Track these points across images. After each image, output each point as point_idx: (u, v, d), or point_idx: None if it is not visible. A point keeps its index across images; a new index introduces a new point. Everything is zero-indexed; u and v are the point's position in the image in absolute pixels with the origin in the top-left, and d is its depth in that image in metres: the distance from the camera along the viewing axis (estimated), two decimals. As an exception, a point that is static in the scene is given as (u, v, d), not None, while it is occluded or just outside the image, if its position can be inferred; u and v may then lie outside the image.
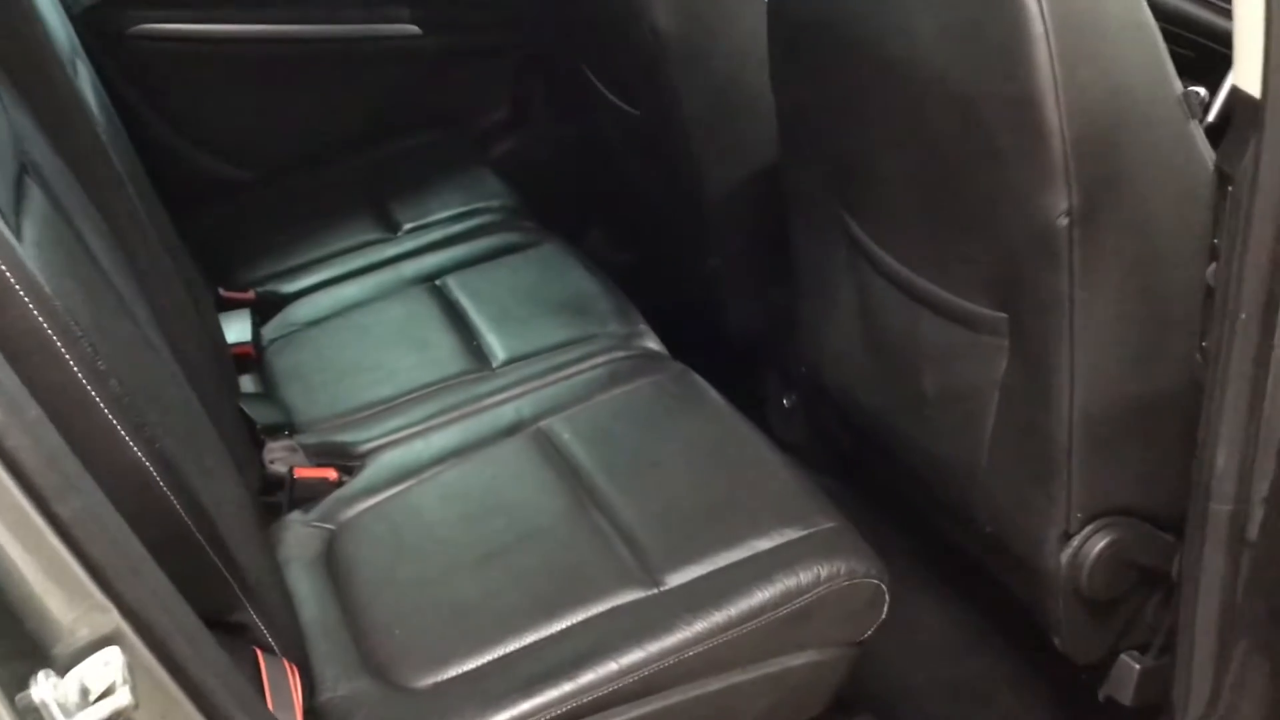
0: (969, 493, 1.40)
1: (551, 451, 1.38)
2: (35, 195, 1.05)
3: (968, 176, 1.21)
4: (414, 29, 2.19)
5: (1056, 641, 1.35)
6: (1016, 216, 1.19)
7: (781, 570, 1.17)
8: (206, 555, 0.93)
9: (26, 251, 0.94)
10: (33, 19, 1.12)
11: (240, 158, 2.16)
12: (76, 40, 1.49)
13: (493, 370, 1.55)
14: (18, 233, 0.96)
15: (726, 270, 1.90)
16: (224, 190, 2.13)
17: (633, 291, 2.23)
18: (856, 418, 1.61)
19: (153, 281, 1.26)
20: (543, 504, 1.30)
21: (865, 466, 1.76)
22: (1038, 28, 1.07)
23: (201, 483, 0.97)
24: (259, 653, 1.02)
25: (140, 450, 0.84)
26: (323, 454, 1.44)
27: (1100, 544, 1.29)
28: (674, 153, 1.81)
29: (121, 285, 1.17)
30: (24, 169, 1.06)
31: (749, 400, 2.03)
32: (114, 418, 0.81)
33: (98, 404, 0.80)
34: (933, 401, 1.41)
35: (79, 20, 1.97)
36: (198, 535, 0.91)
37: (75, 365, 0.79)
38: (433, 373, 1.55)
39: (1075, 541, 1.29)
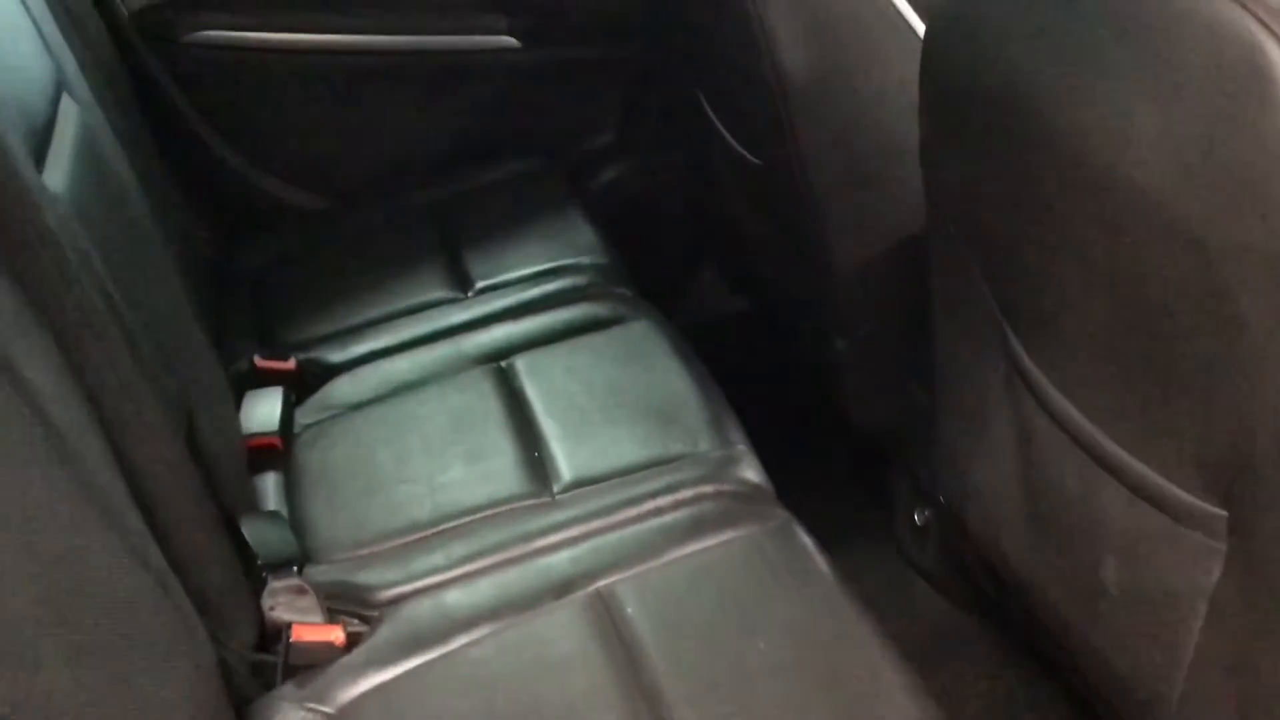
0: (1150, 713, 1.07)
1: (610, 629, 1.08)
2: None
3: (1186, 332, 0.87)
4: (511, 41, 1.90)
5: None
6: (1256, 397, 0.85)
7: None
8: None
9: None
10: None
11: (305, 181, 1.91)
12: (74, 68, 1.24)
13: (553, 498, 1.26)
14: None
15: (854, 353, 1.58)
16: (285, 219, 1.89)
17: (740, 347, 1.93)
18: (1007, 576, 1.28)
19: (117, 401, 1.00)
20: (589, 711, 1.01)
21: (1014, 616, 1.44)
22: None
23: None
24: None
25: None
26: (335, 597, 1.17)
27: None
28: (799, 215, 1.50)
29: (64, 417, 0.92)
30: None
31: (871, 497, 1.74)
32: None
33: None
34: (1112, 596, 1.07)
35: (129, 26, 1.75)
36: None
37: None
38: (481, 494, 1.27)
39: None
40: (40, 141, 1.05)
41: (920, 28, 1.36)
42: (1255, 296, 0.80)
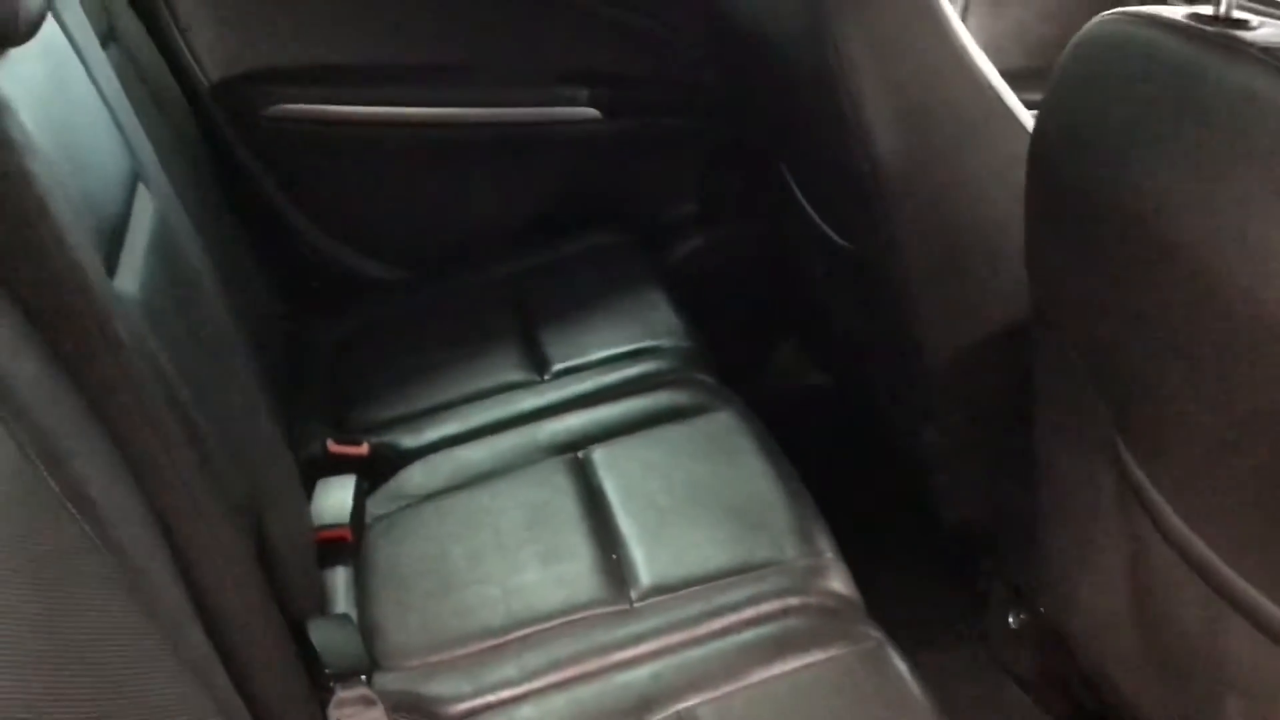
0: None
1: (688, 759, 1.02)
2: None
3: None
4: (592, 112, 1.87)
5: None
6: None
7: None
8: None
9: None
10: (33, 210, 0.85)
11: (384, 255, 1.89)
12: (150, 155, 1.22)
13: (631, 605, 1.20)
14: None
15: (945, 446, 1.51)
16: (362, 291, 1.86)
17: (822, 423, 1.88)
18: (1112, 699, 1.20)
19: (184, 516, 0.96)
20: None
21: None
22: None
23: None
24: None
25: None
26: (403, 709, 1.13)
27: None
28: (890, 301, 1.44)
29: (128, 536, 0.88)
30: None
31: (960, 596, 1.66)
32: None
33: None
34: (1236, 742, 0.99)
35: (208, 98, 1.74)
36: None
37: None
38: (557, 599, 1.21)
39: None
40: (113, 243, 1.03)
41: (1022, 113, 1.30)
42: None
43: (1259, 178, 0.81)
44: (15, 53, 0.92)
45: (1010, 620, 1.53)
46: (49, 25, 1.04)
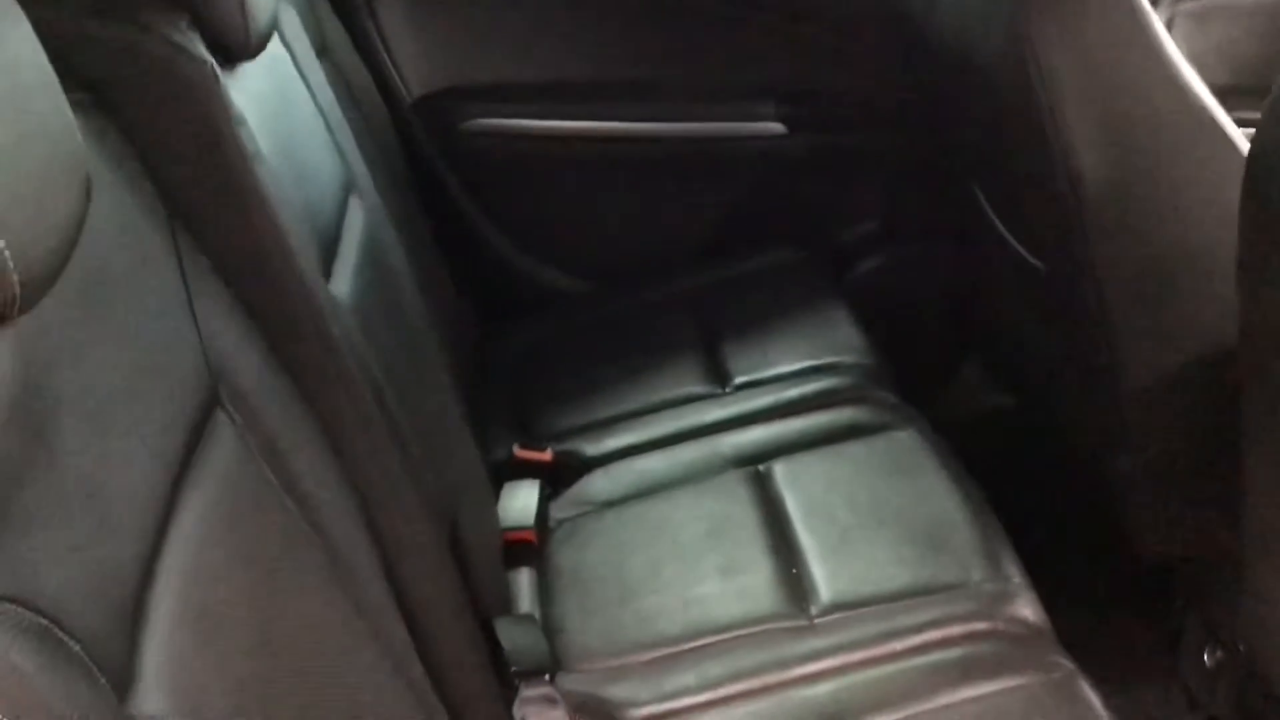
0: None
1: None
2: (224, 436, 0.83)
3: None
4: (779, 127, 1.88)
5: None
6: None
7: None
8: None
9: (176, 539, 0.71)
10: (261, 217, 0.90)
11: (572, 267, 1.93)
12: (361, 167, 1.28)
13: (811, 622, 1.20)
14: (173, 514, 0.73)
15: (1140, 474, 1.46)
16: (549, 302, 1.91)
17: (1011, 446, 1.84)
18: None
19: (388, 511, 1.00)
20: None
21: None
22: None
23: None
24: None
25: None
26: (586, 711, 1.15)
27: None
28: (1086, 323, 1.39)
29: (339, 527, 0.93)
30: (215, 402, 0.83)
31: (1152, 630, 1.60)
32: None
33: None
34: None
35: (410, 111, 1.81)
36: None
37: None
38: (736, 610, 1.22)
39: None
40: (329, 249, 1.08)
41: (1233, 131, 1.25)
42: None
43: None
44: (246, 67, 0.98)
45: (1206, 658, 1.46)
46: (273, 40, 1.10)
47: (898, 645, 1.14)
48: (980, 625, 1.15)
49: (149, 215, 0.84)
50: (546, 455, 1.51)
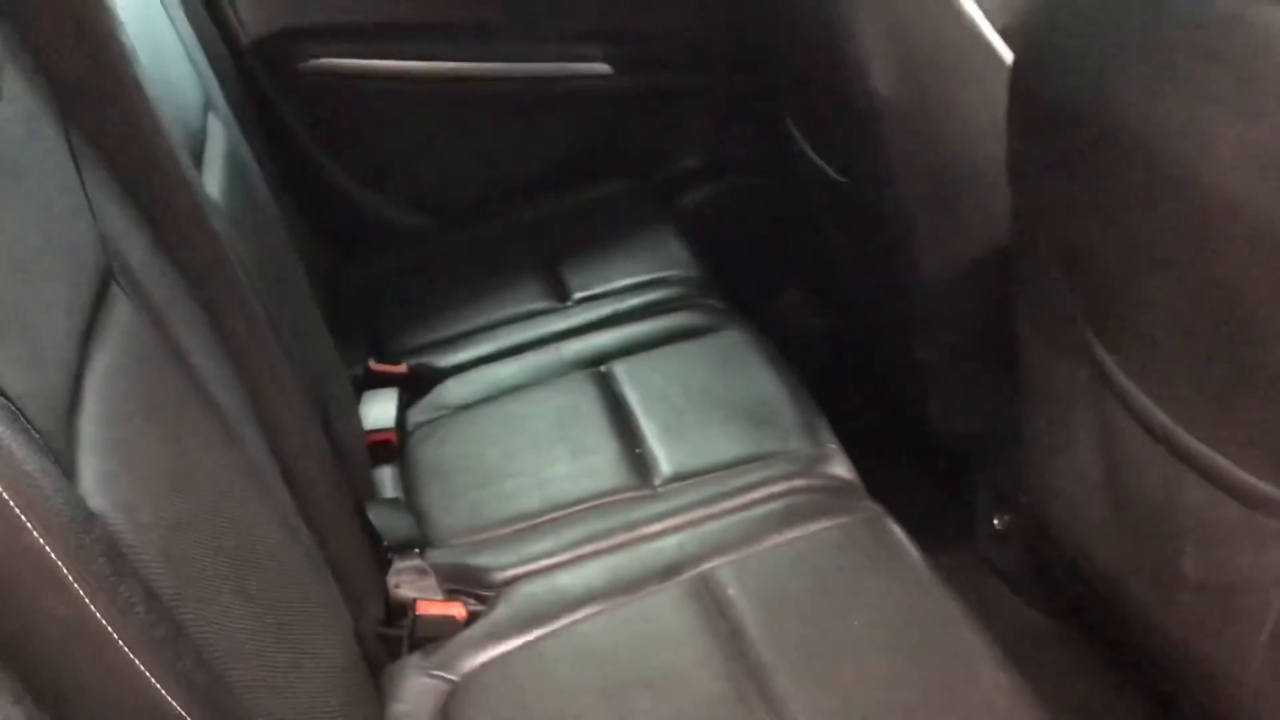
0: (1230, 701, 1.12)
1: (713, 609, 1.16)
2: (121, 309, 0.90)
3: (1271, 335, 0.93)
4: (605, 68, 2.00)
5: None
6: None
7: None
8: None
9: (91, 391, 0.79)
10: (141, 105, 0.98)
11: (414, 203, 2.02)
12: (217, 90, 1.35)
13: (654, 490, 1.34)
14: (86, 360, 0.81)
15: (937, 365, 1.65)
16: (395, 238, 1.99)
17: (824, 364, 2.00)
18: (1088, 573, 1.33)
19: (268, 387, 1.09)
20: (697, 683, 1.08)
21: (1093, 616, 1.48)
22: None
23: (279, 683, 0.80)
24: None
25: (171, 695, 0.66)
26: (454, 579, 1.26)
27: None
28: (885, 228, 1.57)
29: (226, 399, 1.02)
30: (108, 278, 0.91)
31: (951, 506, 1.80)
32: (136, 657, 0.64)
33: (116, 643, 0.63)
34: (1192, 585, 1.13)
35: (248, 53, 1.87)
36: None
37: (90, 599, 0.62)
38: (587, 486, 1.35)
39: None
40: (197, 154, 1.16)
41: (1002, 49, 1.43)
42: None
43: (1209, 75, 0.95)
44: None
45: (996, 522, 1.66)
46: None
47: (730, 503, 1.29)
48: (800, 482, 1.31)
49: (47, 111, 0.91)
50: (401, 368, 1.61)
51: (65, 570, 0.61)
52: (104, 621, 0.63)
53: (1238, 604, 1.07)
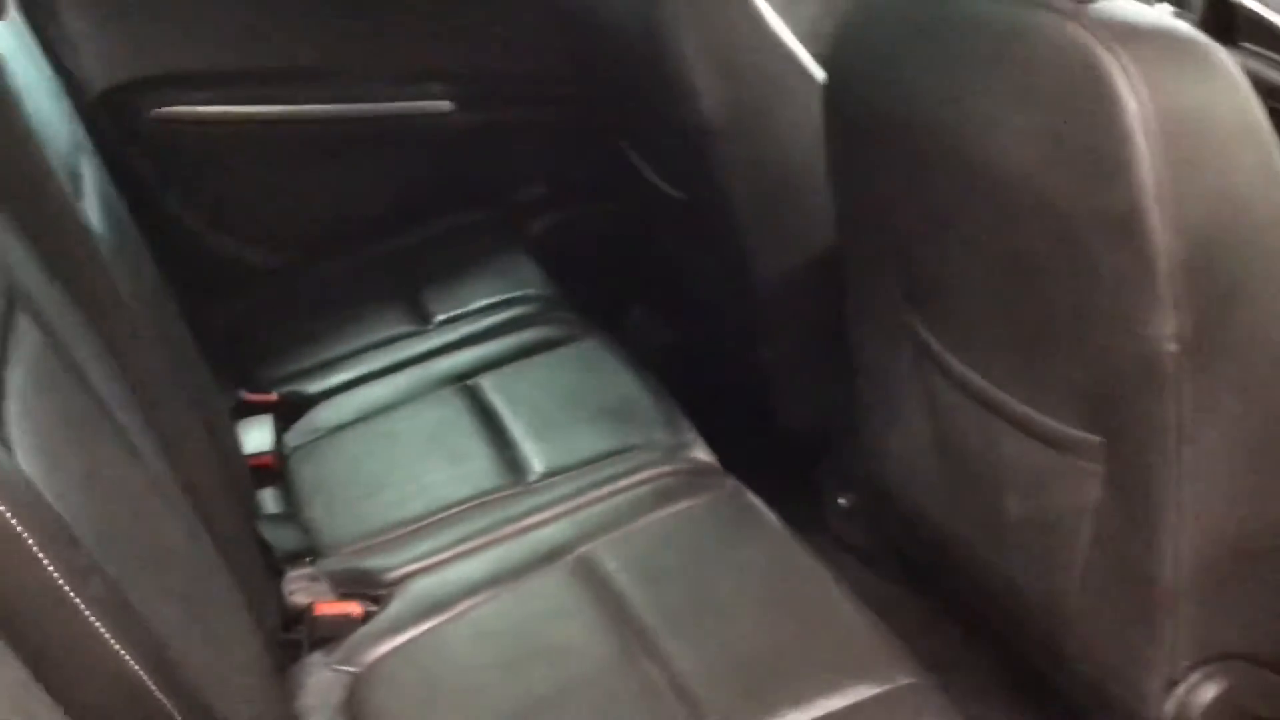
0: (1056, 628, 1.27)
1: (596, 584, 1.26)
2: (26, 331, 0.96)
3: (1059, 293, 1.09)
4: (446, 105, 2.10)
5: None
6: (1115, 339, 1.06)
7: (855, 735, 1.04)
8: None
9: (11, 405, 0.85)
10: (25, 137, 1.04)
11: (267, 243, 2.07)
12: (83, 132, 1.40)
13: (529, 485, 1.43)
14: (2, 383, 0.87)
15: (778, 362, 1.79)
16: (250, 278, 2.04)
17: (676, 376, 2.12)
18: (926, 532, 1.48)
19: (160, 406, 1.15)
20: (588, 649, 1.18)
21: (934, 576, 1.63)
22: (1138, 134, 0.96)
23: (205, 662, 0.86)
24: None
25: (129, 655, 0.73)
26: (347, 583, 1.33)
27: (1210, 692, 1.16)
28: (722, 239, 1.70)
29: (125, 418, 1.07)
30: (13, 302, 0.96)
31: (803, 494, 1.93)
32: (98, 621, 0.71)
33: (78, 608, 0.70)
34: (1014, 526, 1.28)
35: (96, 104, 1.90)
36: None
37: (51, 565, 0.68)
38: (465, 488, 1.43)
39: (1181, 690, 1.16)
40: (77, 189, 1.21)
41: (815, 71, 1.59)
42: (1106, 252, 1.02)
43: (995, 76, 1.10)
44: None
45: (841, 500, 1.81)
46: None
47: (602, 491, 1.39)
48: (665, 468, 1.42)
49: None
50: (272, 396, 1.67)
51: (29, 541, 0.67)
52: (67, 588, 0.69)
53: (1053, 537, 1.22)
